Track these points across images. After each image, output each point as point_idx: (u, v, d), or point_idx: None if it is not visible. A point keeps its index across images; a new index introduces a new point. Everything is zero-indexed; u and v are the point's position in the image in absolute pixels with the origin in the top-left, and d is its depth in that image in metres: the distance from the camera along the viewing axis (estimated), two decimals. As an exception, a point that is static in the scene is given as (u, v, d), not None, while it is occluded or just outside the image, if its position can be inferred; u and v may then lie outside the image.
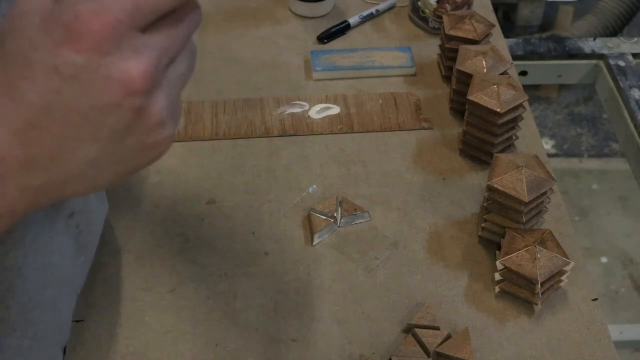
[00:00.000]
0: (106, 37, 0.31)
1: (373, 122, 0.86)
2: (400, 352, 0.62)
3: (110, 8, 0.31)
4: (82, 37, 0.31)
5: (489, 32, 0.87)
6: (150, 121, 0.34)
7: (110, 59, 0.32)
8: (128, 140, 0.35)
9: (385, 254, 0.72)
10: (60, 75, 0.32)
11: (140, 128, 0.34)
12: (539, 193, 0.67)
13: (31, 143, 0.33)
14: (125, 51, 0.32)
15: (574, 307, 0.68)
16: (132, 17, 0.32)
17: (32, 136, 0.33)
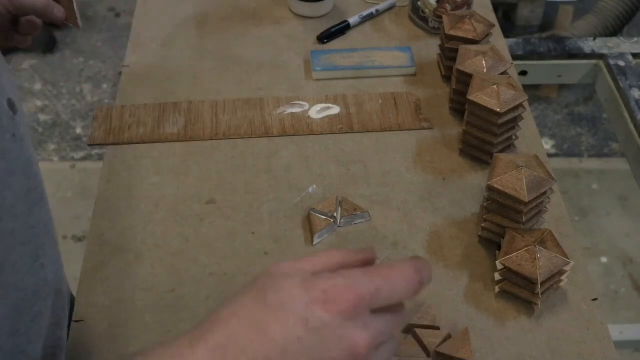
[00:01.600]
0: (352, 308, 0.39)
1: (373, 122, 0.86)
2: (400, 352, 0.62)
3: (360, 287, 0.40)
4: (334, 301, 0.39)
5: (489, 32, 0.87)
6: None
7: (348, 324, 0.39)
8: None
9: (385, 254, 0.72)
10: (306, 325, 0.39)
11: None
12: (539, 193, 0.67)
13: None
14: (359, 322, 0.39)
15: (574, 307, 0.68)
16: (372, 299, 0.40)
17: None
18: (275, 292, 0.40)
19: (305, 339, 0.39)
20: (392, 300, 0.42)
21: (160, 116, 0.86)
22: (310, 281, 0.40)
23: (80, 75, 2.45)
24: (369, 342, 0.40)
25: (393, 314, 0.43)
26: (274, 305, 0.40)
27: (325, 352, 0.39)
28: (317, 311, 0.39)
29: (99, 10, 2.69)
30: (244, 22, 1.01)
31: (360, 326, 0.40)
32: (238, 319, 0.40)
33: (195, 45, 0.97)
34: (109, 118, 0.86)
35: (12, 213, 0.48)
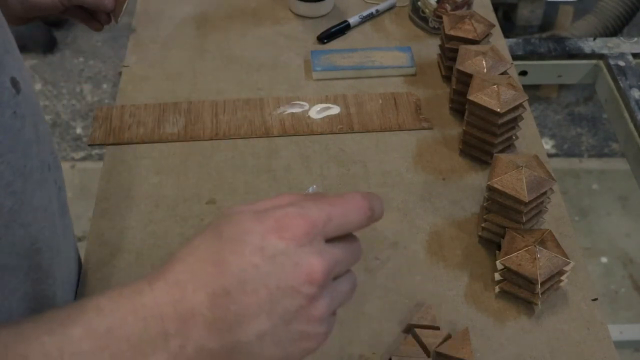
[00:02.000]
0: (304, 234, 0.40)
1: (373, 122, 0.86)
2: (400, 352, 0.62)
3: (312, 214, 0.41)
4: (287, 229, 0.40)
5: (489, 32, 0.87)
6: (314, 312, 0.41)
7: (303, 250, 0.40)
8: (293, 324, 0.40)
9: (385, 254, 0.72)
10: (263, 254, 0.39)
11: (305, 316, 0.40)
12: (539, 193, 0.67)
13: (220, 307, 0.39)
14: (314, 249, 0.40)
15: (574, 307, 0.68)
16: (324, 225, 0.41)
17: (222, 302, 0.39)
18: (230, 227, 0.41)
19: (261, 267, 0.39)
20: (345, 228, 0.43)
21: (160, 116, 0.86)
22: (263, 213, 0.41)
23: (80, 75, 2.45)
24: (324, 268, 0.40)
25: (347, 243, 0.43)
26: (230, 239, 0.40)
27: (282, 280, 0.39)
28: (271, 239, 0.40)
29: (99, 10, 2.68)
30: (244, 22, 1.01)
31: (315, 252, 0.40)
32: (195, 256, 0.41)
33: (195, 45, 0.97)
34: (109, 118, 0.86)
35: (9, 191, 0.47)
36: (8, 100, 0.48)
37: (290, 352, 0.41)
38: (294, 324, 0.40)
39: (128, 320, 0.39)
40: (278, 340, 0.40)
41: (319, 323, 0.41)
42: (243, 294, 0.39)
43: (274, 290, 0.39)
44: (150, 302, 0.39)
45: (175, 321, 0.39)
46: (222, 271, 0.39)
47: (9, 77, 0.49)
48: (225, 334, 0.39)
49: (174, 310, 0.39)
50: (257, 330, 0.40)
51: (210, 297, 0.39)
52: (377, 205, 0.45)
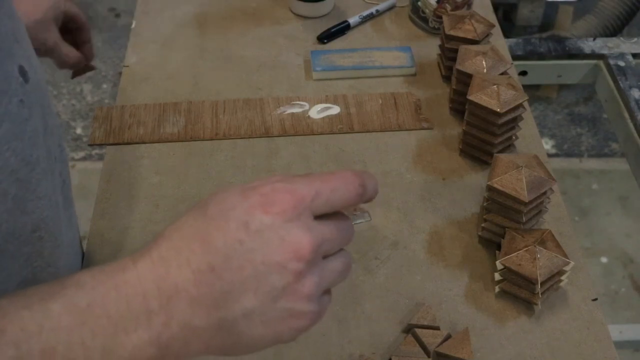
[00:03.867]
0: (291, 208, 0.39)
1: (373, 122, 0.86)
2: (400, 352, 0.62)
3: (299, 189, 0.40)
4: (274, 203, 0.39)
5: (489, 32, 0.87)
6: (302, 290, 0.39)
7: (290, 225, 0.39)
8: (281, 302, 0.39)
9: (385, 254, 0.72)
10: (247, 229, 0.38)
11: (293, 293, 0.39)
12: (539, 193, 0.67)
13: (204, 284, 0.38)
14: (301, 224, 0.39)
15: (574, 307, 0.68)
16: (312, 200, 0.40)
17: (207, 278, 0.38)
18: (215, 204, 0.40)
19: (247, 242, 0.38)
20: (334, 204, 0.41)
21: (160, 116, 0.86)
22: (249, 189, 0.40)
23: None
24: (312, 244, 0.39)
25: (337, 221, 0.42)
26: (215, 215, 0.39)
27: (268, 255, 0.38)
28: (256, 214, 0.38)
29: (99, 10, 2.69)
30: (244, 22, 1.01)
31: (303, 227, 0.39)
32: (180, 233, 0.40)
33: (195, 45, 0.97)
34: (109, 118, 0.86)
35: (14, 178, 0.48)
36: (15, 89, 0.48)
37: (280, 331, 0.40)
38: (282, 301, 0.39)
39: (109, 297, 0.38)
40: (266, 318, 0.39)
41: (308, 301, 0.40)
42: (228, 270, 0.38)
43: (260, 266, 0.38)
44: (133, 278, 0.38)
45: (158, 298, 0.38)
46: (207, 247, 0.38)
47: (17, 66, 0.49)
48: (211, 311, 0.38)
49: (157, 287, 0.38)
50: (244, 308, 0.38)
51: (195, 274, 0.38)
52: (369, 183, 0.43)
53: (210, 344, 0.39)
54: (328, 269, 0.41)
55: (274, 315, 0.39)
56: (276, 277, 0.38)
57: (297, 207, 0.39)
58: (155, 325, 0.38)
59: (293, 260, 0.38)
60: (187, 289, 0.38)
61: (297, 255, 0.39)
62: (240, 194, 0.40)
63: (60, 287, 0.38)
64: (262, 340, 0.40)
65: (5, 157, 0.47)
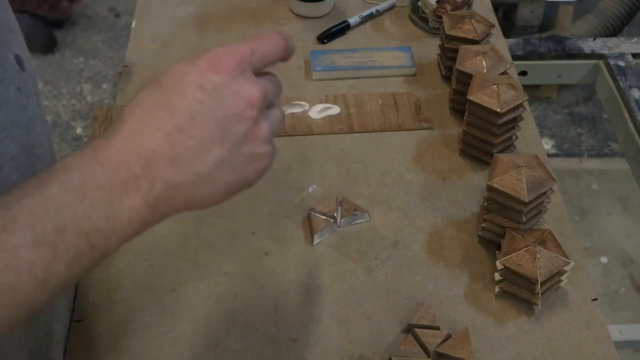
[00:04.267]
0: (236, 66, 0.44)
1: (373, 122, 0.86)
2: (400, 352, 0.62)
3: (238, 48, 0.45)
4: (221, 64, 0.44)
5: (489, 32, 0.87)
6: (259, 133, 0.45)
7: (238, 81, 0.44)
8: (244, 147, 0.45)
9: (385, 254, 0.72)
10: (204, 90, 0.43)
11: (252, 138, 0.45)
12: (539, 193, 0.67)
13: (177, 143, 0.42)
14: (247, 79, 0.45)
15: (574, 307, 0.68)
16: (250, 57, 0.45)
17: (178, 138, 0.42)
18: (167, 76, 0.44)
19: (206, 101, 0.43)
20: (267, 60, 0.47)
21: (160, 116, 0.86)
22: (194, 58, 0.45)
23: (80, 75, 2.45)
24: (261, 93, 0.45)
25: (271, 76, 0.48)
26: (170, 85, 0.44)
27: (227, 109, 0.44)
28: (208, 76, 0.44)
29: (99, 10, 2.69)
30: (244, 22, 1.01)
31: (250, 81, 0.45)
32: (142, 107, 0.44)
33: (195, 45, 0.97)
34: (109, 118, 0.86)
35: (14, 164, 0.49)
36: (12, 77, 0.50)
37: (246, 173, 0.46)
38: (245, 146, 0.45)
39: (97, 173, 0.41)
40: (234, 165, 0.45)
41: (265, 143, 0.46)
42: (195, 128, 0.43)
43: (222, 120, 0.43)
44: (113, 153, 0.42)
45: (140, 165, 0.42)
46: (171, 113, 0.43)
47: (13, 54, 0.51)
48: (188, 167, 0.43)
49: (136, 156, 0.42)
50: (215, 158, 0.43)
51: (166, 137, 0.42)
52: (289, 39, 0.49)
53: (192, 198, 0.44)
54: (273, 116, 0.47)
55: (240, 160, 0.45)
56: (237, 126, 0.44)
57: (240, 64, 0.45)
58: (143, 188, 0.42)
59: (248, 108, 0.44)
60: (163, 152, 0.42)
61: (251, 103, 0.44)
62: (187, 64, 0.44)
63: (49, 174, 0.41)
64: (233, 186, 0.45)
65: (5, 143, 0.49)
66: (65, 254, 0.39)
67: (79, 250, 0.40)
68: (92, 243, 0.41)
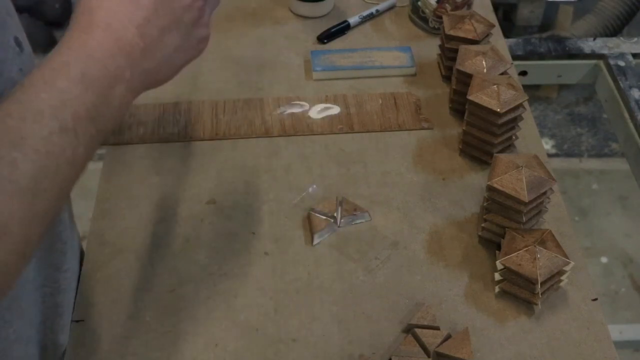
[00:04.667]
0: None
1: (373, 122, 0.86)
2: (400, 352, 0.62)
3: None
4: None
5: (489, 32, 0.87)
6: (203, 20, 0.55)
7: None
8: (193, 33, 0.54)
9: (385, 254, 0.72)
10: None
11: (199, 24, 0.55)
12: (539, 193, 0.67)
13: (146, 34, 0.50)
14: None
15: (574, 307, 0.68)
16: None
17: (147, 29, 0.50)
18: None
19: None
20: None
21: (160, 116, 0.86)
22: None
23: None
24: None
25: None
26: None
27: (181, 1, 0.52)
28: None
29: (99, 10, 2.68)
30: (244, 22, 1.01)
31: None
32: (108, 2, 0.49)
33: (195, 45, 0.97)
34: (109, 118, 0.86)
35: None
36: (13, 58, 0.54)
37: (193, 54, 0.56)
38: (193, 32, 0.54)
39: (91, 64, 0.47)
40: (186, 47, 0.54)
41: (207, 27, 0.56)
42: (158, 18, 0.51)
43: (177, 10, 0.52)
44: (98, 46, 0.48)
45: (121, 56, 0.48)
46: (138, 6, 0.50)
47: (13, 37, 0.55)
48: (156, 54, 0.51)
49: (117, 47, 0.48)
50: (173, 44, 0.52)
51: (137, 29, 0.49)
52: None
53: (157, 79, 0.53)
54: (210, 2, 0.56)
55: (191, 44, 0.55)
56: (188, 15, 0.53)
57: None
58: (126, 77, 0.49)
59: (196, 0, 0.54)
60: (137, 42, 0.49)
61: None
62: None
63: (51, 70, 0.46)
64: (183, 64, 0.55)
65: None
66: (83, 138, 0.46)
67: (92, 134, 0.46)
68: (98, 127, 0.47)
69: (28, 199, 0.42)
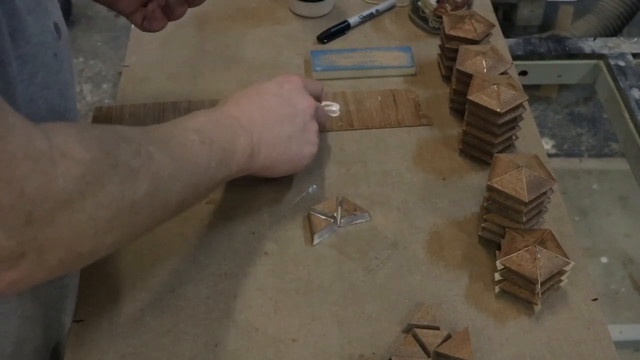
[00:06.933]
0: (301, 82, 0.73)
1: (372, 119, 0.86)
2: (400, 352, 0.62)
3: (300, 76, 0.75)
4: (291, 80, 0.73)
5: (489, 32, 0.87)
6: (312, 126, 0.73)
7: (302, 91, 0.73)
8: (303, 133, 0.71)
9: (385, 254, 0.72)
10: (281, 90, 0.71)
11: (308, 128, 0.72)
12: (539, 193, 0.67)
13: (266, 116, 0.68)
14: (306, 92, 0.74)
15: (574, 307, 0.68)
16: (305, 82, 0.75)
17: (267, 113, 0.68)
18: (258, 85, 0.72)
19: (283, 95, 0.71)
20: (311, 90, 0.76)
21: (160, 116, 0.86)
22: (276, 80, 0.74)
23: (80, 75, 2.45)
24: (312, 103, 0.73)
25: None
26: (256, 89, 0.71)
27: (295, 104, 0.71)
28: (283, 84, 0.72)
29: (99, 10, 2.69)
30: (244, 22, 1.01)
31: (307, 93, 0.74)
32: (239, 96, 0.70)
33: (195, 45, 0.97)
34: (109, 118, 0.86)
35: None
36: (51, 43, 0.57)
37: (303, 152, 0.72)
38: (304, 132, 0.71)
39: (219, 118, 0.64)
40: (297, 141, 0.70)
41: (315, 134, 0.73)
42: (277, 108, 0.69)
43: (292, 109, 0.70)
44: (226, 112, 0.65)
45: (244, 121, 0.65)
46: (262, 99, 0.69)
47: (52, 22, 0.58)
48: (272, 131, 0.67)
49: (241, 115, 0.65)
50: (287, 132, 0.69)
51: (259, 111, 0.67)
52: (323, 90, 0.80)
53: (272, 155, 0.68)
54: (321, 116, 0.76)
55: (301, 140, 0.71)
56: (301, 116, 0.71)
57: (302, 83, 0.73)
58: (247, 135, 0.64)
59: (308, 107, 0.72)
60: (257, 118, 0.67)
61: (309, 105, 0.72)
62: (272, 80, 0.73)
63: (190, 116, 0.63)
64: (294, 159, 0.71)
65: (38, 104, 0.55)
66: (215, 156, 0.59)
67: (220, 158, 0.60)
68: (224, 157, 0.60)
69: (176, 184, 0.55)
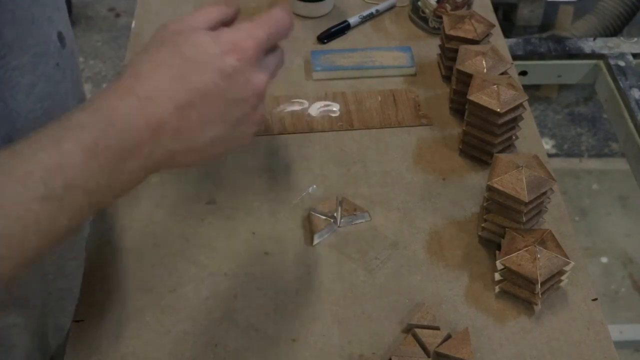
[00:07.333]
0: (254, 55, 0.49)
1: (372, 119, 0.86)
2: (400, 352, 0.62)
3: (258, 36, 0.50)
4: (242, 50, 0.48)
5: (489, 32, 0.87)
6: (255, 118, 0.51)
7: (252, 69, 0.48)
8: (238, 127, 0.50)
9: (385, 254, 0.72)
10: (221, 73, 0.47)
11: (248, 120, 0.50)
12: (539, 193, 0.67)
13: (184, 117, 0.46)
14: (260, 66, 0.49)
15: (574, 307, 0.68)
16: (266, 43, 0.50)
17: (187, 113, 0.46)
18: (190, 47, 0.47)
19: (220, 84, 0.47)
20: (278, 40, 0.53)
21: (160, 116, 0.86)
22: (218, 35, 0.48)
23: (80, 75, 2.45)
24: (267, 81, 0.50)
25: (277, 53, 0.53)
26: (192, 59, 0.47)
27: (236, 93, 0.48)
28: (228, 60, 0.47)
29: (99, 10, 2.69)
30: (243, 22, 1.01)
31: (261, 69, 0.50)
32: (160, 73, 0.46)
33: (195, 45, 0.97)
34: (109, 118, 0.86)
35: None
36: (53, 53, 0.55)
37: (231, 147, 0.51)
38: (239, 127, 0.50)
39: (109, 133, 0.43)
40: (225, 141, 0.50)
41: (255, 125, 0.52)
42: (204, 105, 0.46)
43: (230, 102, 0.48)
44: (125, 116, 0.44)
45: (146, 131, 0.45)
46: (187, 87, 0.46)
47: (56, 32, 0.56)
48: (187, 138, 0.47)
49: (145, 122, 0.45)
50: (212, 136, 0.48)
51: (177, 110, 0.46)
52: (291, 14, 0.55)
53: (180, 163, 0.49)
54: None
55: (232, 137, 0.50)
56: (238, 109, 0.49)
57: (258, 52, 0.49)
58: (144, 154, 0.45)
59: (253, 96, 0.49)
60: (171, 122, 0.45)
61: (256, 92, 0.49)
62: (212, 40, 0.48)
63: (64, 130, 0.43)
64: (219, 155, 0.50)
65: (38, 115, 0.53)
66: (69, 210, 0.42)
67: (81, 206, 0.43)
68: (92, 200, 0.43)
69: None
